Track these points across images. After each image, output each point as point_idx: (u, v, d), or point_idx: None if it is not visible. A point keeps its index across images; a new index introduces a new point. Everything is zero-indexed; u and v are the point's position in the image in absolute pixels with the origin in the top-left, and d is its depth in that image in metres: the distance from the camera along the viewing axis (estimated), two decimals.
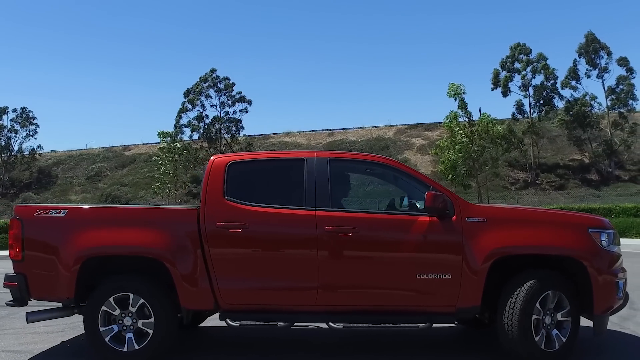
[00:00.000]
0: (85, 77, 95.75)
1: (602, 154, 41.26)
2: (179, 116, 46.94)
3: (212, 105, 47.36)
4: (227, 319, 5.10)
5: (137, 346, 5.05)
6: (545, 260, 5.14)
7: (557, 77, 42.33)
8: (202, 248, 5.05)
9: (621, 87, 40.81)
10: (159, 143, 43.10)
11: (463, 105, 35.93)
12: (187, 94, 47.23)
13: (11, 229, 5.28)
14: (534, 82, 42.90)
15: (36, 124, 52.89)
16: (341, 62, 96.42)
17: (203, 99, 47.14)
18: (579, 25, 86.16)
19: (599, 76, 42.01)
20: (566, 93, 42.39)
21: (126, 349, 5.05)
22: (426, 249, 4.99)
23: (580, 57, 42.40)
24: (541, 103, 42.76)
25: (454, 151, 34.71)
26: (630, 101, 40.63)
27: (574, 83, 42.12)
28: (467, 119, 36.12)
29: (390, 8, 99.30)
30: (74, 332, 6.57)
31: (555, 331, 4.95)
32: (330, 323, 5.01)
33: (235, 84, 47.47)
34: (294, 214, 5.10)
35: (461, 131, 35.38)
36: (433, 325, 5.07)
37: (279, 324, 5.06)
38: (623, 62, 40.97)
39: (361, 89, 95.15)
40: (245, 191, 5.26)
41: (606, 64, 41.73)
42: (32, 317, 5.31)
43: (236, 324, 5.08)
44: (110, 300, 5.08)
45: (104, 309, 5.08)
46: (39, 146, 52.86)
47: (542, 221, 5.28)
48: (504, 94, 43.19)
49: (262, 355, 5.65)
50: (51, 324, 7.07)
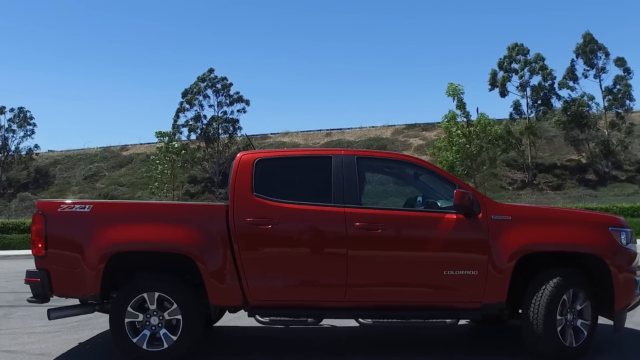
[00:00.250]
0: (82, 77, 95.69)
1: (599, 154, 41.33)
2: (176, 116, 46.99)
3: (210, 105, 47.42)
4: (257, 315, 5.09)
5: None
6: (566, 258, 5.26)
7: (555, 77, 42.43)
8: (231, 244, 5.04)
9: (618, 87, 40.89)
10: (156, 143, 43.04)
11: (461, 105, 35.96)
12: (185, 93, 47.25)
13: (34, 224, 5.18)
14: (531, 82, 43.00)
15: (33, 123, 52.76)
16: (339, 62, 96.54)
17: (201, 98, 47.21)
18: (577, 25, 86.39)
19: (596, 76, 42.12)
20: (564, 93, 42.55)
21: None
22: (453, 246, 5.06)
23: (577, 58, 42.49)
24: (539, 103, 42.82)
25: (452, 151, 34.70)
26: (628, 101, 40.71)
27: (571, 83, 42.21)
28: (465, 119, 36.16)
29: (388, 8, 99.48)
30: (70, 332, 6.58)
31: (576, 328, 5.08)
32: (360, 319, 5.06)
33: (232, 84, 47.54)
34: (323, 210, 5.12)
35: (459, 131, 35.40)
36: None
37: (309, 320, 5.06)
38: (620, 62, 41.05)
39: (359, 89, 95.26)
40: (273, 188, 5.27)
41: (604, 64, 41.85)
42: (54, 314, 5.25)
43: (266, 320, 5.08)
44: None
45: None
46: (36, 146, 52.70)
47: (565, 220, 5.43)
48: (502, 95, 43.25)
49: (263, 354, 5.66)
50: (48, 324, 7.07)
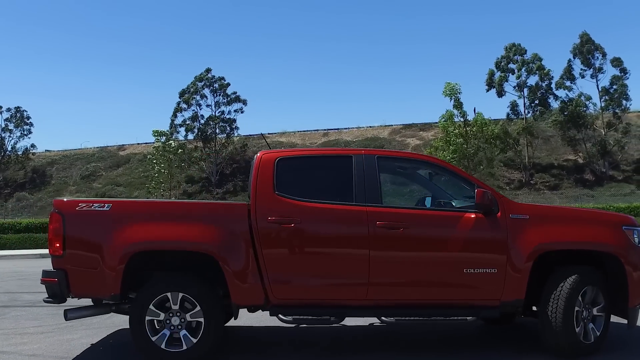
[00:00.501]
0: (79, 77, 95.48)
1: (596, 154, 41.37)
2: (174, 115, 46.94)
3: (207, 105, 47.40)
4: (279, 314, 5.11)
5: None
6: (580, 256, 5.37)
7: (552, 77, 42.45)
8: (254, 243, 5.03)
9: (615, 87, 40.94)
10: (153, 143, 43.02)
11: (458, 105, 36.04)
12: (182, 93, 47.21)
13: (51, 223, 5.10)
14: (528, 82, 43.00)
15: (30, 123, 52.61)
16: (336, 62, 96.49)
17: (198, 98, 47.14)
18: (574, 25, 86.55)
19: (593, 76, 42.15)
20: (561, 93, 42.55)
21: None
22: (473, 244, 5.14)
23: (574, 58, 42.52)
24: (536, 103, 42.86)
25: (449, 151, 34.75)
26: (624, 101, 40.75)
27: (568, 83, 42.22)
28: (462, 119, 36.21)
29: (385, 8, 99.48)
30: (63, 333, 6.57)
31: (591, 324, 5.20)
32: (382, 317, 5.14)
33: (230, 84, 47.51)
34: (346, 209, 5.17)
35: (456, 131, 35.46)
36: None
37: (331, 319, 5.10)
38: (617, 62, 41.09)
39: (356, 89, 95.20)
40: (294, 187, 5.28)
41: (601, 64, 41.88)
42: (71, 315, 5.19)
43: (289, 318, 5.10)
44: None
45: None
46: (33, 145, 52.59)
47: (580, 218, 5.57)
48: (499, 95, 43.27)
49: (266, 356, 5.66)
50: (41, 325, 7.09)
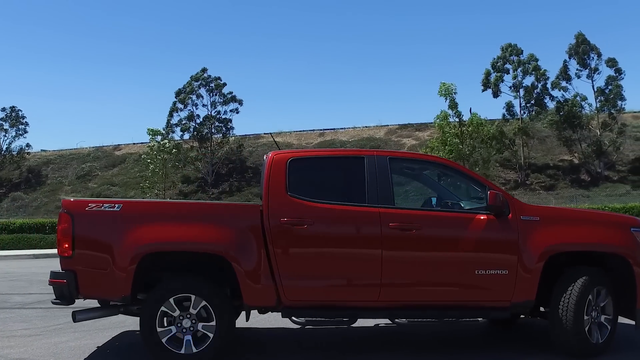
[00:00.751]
0: (75, 77, 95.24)
1: (591, 155, 41.43)
2: (170, 115, 46.84)
3: (203, 105, 47.30)
4: (292, 316, 5.10)
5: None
6: (588, 258, 5.43)
7: (548, 77, 42.46)
8: (266, 245, 5.00)
9: (610, 88, 40.99)
10: (148, 142, 42.92)
11: (454, 105, 36.03)
12: (178, 93, 47.11)
13: (60, 223, 5.03)
14: (524, 83, 43.02)
15: (26, 122, 52.49)
16: (332, 62, 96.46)
17: (194, 98, 47.04)
18: (570, 26, 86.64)
19: (589, 77, 42.17)
20: (556, 94, 42.55)
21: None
22: (485, 246, 5.16)
23: (570, 58, 42.53)
24: (532, 104, 42.88)
25: (445, 152, 34.74)
26: (619, 102, 40.80)
27: (564, 84, 42.23)
28: (457, 119, 36.22)
29: (382, 8, 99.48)
30: (51, 335, 6.52)
31: (599, 325, 5.26)
32: (395, 319, 5.14)
33: (226, 84, 47.42)
34: (358, 210, 5.16)
35: (452, 131, 35.46)
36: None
37: (344, 320, 5.10)
38: (611, 63, 41.11)
39: (352, 89, 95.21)
40: (306, 188, 5.26)
41: (596, 64, 41.91)
42: (80, 316, 5.13)
43: (302, 320, 5.09)
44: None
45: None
46: (28, 145, 52.42)
47: (590, 220, 5.62)
48: (495, 95, 43.24)
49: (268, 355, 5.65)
50: (29, 328, 7.04)
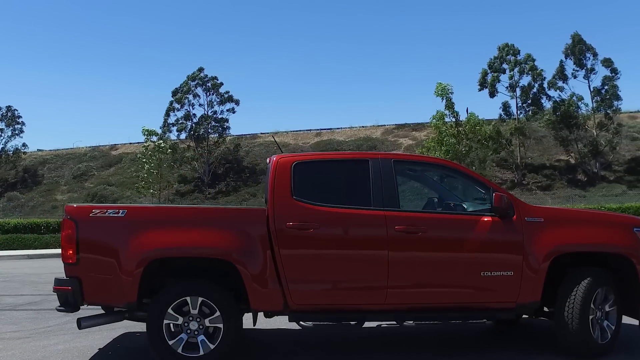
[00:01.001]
0: (72, 76, 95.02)
1: (588, 155, 41.48)
2: (167, 115, 46.80)
3: (200, 105, 47.28)
4: (300, 320, 5.11)
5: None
6: (592, 258, 5.47)
7: (545, 78, 42.53)
8: (272, 249, 5.00)
9: (606, 88, 41.05)
10: (144, 142, 42.85)
11: (450, 105, 36.04)
12: (175, 92, 47.08)
13: (63, 230, 5.00)
14: (521, 82, 43.07)
15: (22, 122, 52.47)
16: (328, 62, 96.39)
17: (191, 97, 47.01)
18: (567, 26, 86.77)
19: (585, 77, 42.24)
20: (553, 94, 42.64)
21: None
22: (490, 247, 5.20)
23: (566, 58, 42.60)
24: (528, 103, 42.93)
25: (441, 152, 34.74)
26: (615, 102, 40.87)
27: (560, 84, 42.30)
28: (454, 119, 36.23)
29: (378, 9, 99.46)
30: (41, 338, 6.47)
31: (604, 325, 5.31)
32: (401, 321, 5.19)
33: (223, 84, 47.38)
34: (364, 214, 5.17)
35: (448, 131, 35.46)
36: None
37: (352, 323, 5.12)
38: (607, 63, 41.19)
39: (349, 89, 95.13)
40: (311, 191, 5.27)
41: (592, 65, 41.98)
42: (85, 323, 5.10)
43: (309, 324, 5.11)
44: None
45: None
46: (24, 145, 52.38)
47: (593, 221, 5.67)
48: (491, 95, 43.30)
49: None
50: (19, 330, 6.98)
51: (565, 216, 5.68)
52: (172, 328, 4.93)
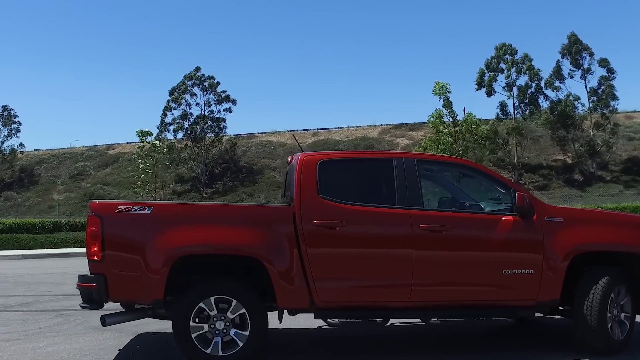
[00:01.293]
0: (69, 76, 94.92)
1: (584, 155, 41.55)
2: (164, 114, 46.77)
3: (196, 104, 47.25)
4: (327, 318, 5.12)
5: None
6: (608, 257, 5.55)
7: (542, 77, 42.62)
8: (299, 246, 5.00)
9: (602, 88, 41.12)
10: (138, 142, 42.82)
11: (448, 104, 36.09)
12: (172, 92, 47.04)
13: (89, 226, 4.91)
14: (518, 82, 43.14)
15: (18, 122, 52.49)
16: (326, 62, 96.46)
17: (188, 97, 46.98)
18: (564, 26, 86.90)
19: (582, 77, 42.37)
20: (550, 94, 42.72)
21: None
22: (512, 246, 5.27)
23: (563, 58, 42.75)
24: (525, 103, 42.97)
25: (438, 151, 34.76)
26: (612, 102, 40.95)
27: (557, 83, 42.43)
28: (451, 119, 36.28)
29: (376, 8, 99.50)
30: (30, 340, 6.39)
31: (620, 322, 5.40)
32: (426, 318, 5.24)
33: (220, 83, 47.39)
34: (389, 212, 5.21)
35: (445, 130, 35.51)
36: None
37: (378, 320, 5.13)
38: (604, 63, 41.32)
39: (346, 89, 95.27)
40: (337, 190, 5.29)
41: (589, 65, 42.09)
42: (109, 320, 5.03)
43: (336, 321, 5.11)
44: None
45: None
46: (21, 144, 52.33)
47: (610, 221, 5.82)
48: (489, 94, 43.36)
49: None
50: (8, 332, 6.91)
51: (583, 216, 5.81)
52: (201, 315, 4.90)
